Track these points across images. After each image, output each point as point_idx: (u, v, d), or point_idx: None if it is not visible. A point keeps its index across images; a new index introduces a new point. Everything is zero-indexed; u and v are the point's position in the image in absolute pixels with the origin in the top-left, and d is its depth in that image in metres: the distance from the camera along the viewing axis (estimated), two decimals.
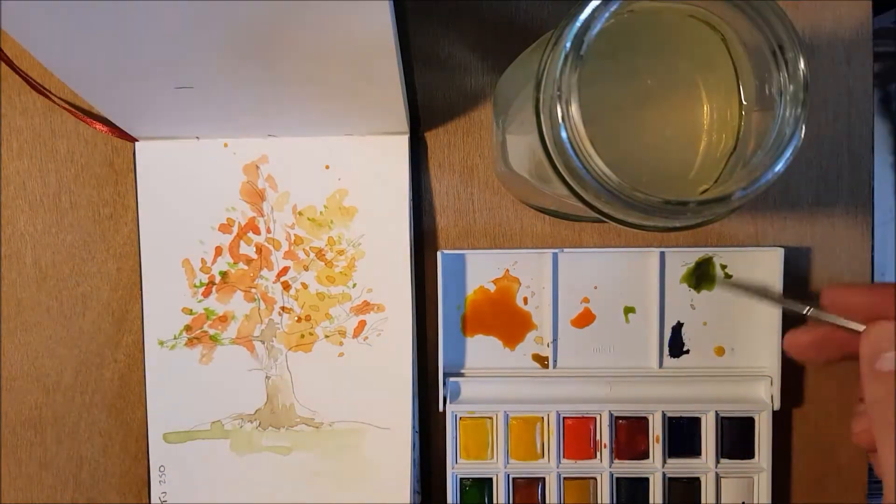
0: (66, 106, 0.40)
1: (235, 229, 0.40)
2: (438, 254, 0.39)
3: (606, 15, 0.23)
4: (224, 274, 0.40)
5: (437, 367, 0.40)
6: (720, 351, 0.40)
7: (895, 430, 0.25)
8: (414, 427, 0.40)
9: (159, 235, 0.40)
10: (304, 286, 0.40)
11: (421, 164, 0.40)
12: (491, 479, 0.40)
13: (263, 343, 0.40)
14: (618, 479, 0.40)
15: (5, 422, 0.42)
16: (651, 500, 0.40)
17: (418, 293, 0.40)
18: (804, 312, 0.30)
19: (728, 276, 0.40)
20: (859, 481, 0.41)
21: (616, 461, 0.40)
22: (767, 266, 0.39)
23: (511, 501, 0.40)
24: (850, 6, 0.39)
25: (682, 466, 0.40)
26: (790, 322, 0.40)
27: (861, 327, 0.28)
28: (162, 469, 0.40)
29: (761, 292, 0.35)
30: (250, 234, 0.40)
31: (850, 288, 0.29)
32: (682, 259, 0.40)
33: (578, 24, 0.23)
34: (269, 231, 0.40)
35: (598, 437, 0.40)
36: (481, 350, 0.41)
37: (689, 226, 0.26)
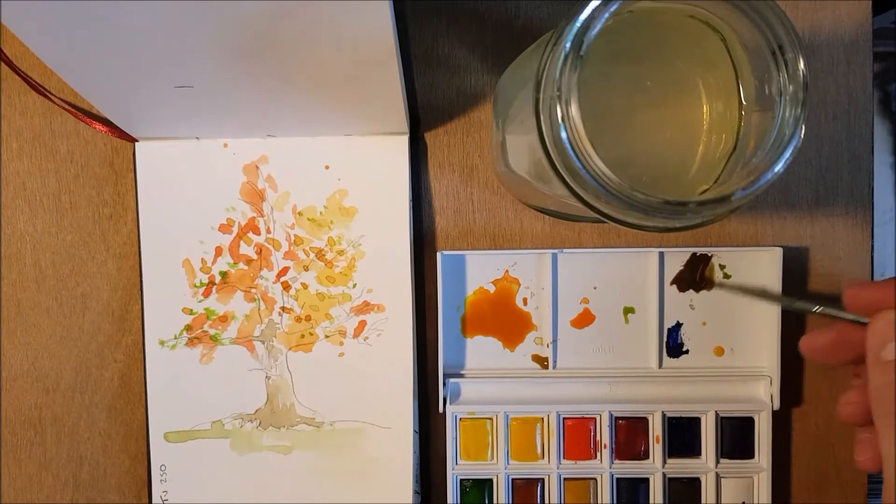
0: (66, 106, 0.40)
1: (235, 229, 0.40)
2: (438, 254, 0.39)
3: (606, 15, 0.23)
4: (224, 274, 0.40)
5: (436, 367, 0.40)
6: (719, 351, 0.40)
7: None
8: (414, 427, 0.40)
9: (159, 235, 0.40)
10: (304, 286, 0.40)
11: (421, 164, 0.40)
12: (491, 480, 0.40)
13: (263, 343, 0.40)
14: (618, 479, 0.40)
15: (5, 422, 0.42)
16: (651, 501, 0.40)
17: (418, 293, 0.40)
18: (813, 310, 0.30)
19: (727, 277, 0.40)
20: (859, 481, 0.41)
21: (616, 461, 0.40)
22: (767, 266, 0.39)
23: (511, 502, 0.40)
24: (850, 6, 0.39)
25: (682, 466, 0.40)
26: (790, 321, 0.40)
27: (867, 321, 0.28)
28: (163, 468, 0.40)
29: (761, 294, 0.35)
30: (250, 235, 0.40)
31: (867, 286, 0.29)
32: (682, 259, 0.40)
33: (578, 24, 0.23)
34: (269, 231, 0.40)
35: (598, 438, 0.40)
36: (481, 351, 0.41)
37: (688, 226, 0.26)
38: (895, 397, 0.26)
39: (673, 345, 0.40)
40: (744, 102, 0.26)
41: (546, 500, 0.40)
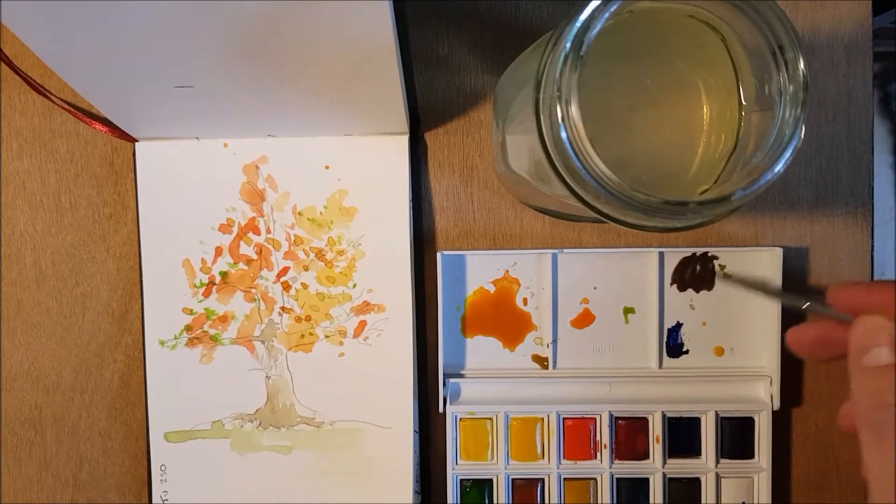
0: (66, 106, 0.40)
1: (235, 229, 0.40)
2: (438, 254, 0.39)
3: (606, 15, 0.23)
4: (224, 274, 0.40)
5: (437, 367, 0.40)
6: (719, 351, 0.40)
7: (877, 427, 0.25)
8: (414, 427, 0.40)
9: (159, 235, 0.40)
10: (304, 286, 0.40)
11: (421, 164, 0.40)
12: (491, 480, 0.40)
13: (263, 343, 0.40)
14: (618, 479, 0.40)
15: (5, 422, 0.42)
16: (651, 501, 0.40)
17: (418, 293, 0.40)
18: (802, 307, 0.30)
19: (727, 277, 0.40)
20: (859, 481, 0.41)
21: (616, 461, 0.40)
22: (767, 266, 0.39)
23: (511, 502, 0.40)
24: (850, 6, 0.39)
25: (682, 466, 0.40)
26: (789, 321, 0.40)
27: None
28: (163, 468, 0.40)
29: (759, 286, 0.34)
30: (250, 235, 0.40)
31: (853, 286, 0.28)
32: (681, 259, 0.40)
33: (578, 24, 0.23)
34: (269, 231, 0.40)
35: (598, 438, 0.40)
36: (481, 351, 0.41)
37: (688, 226, 0.26)
38: (875, 403, 0.25)
39: (673, 345, 0.40)
40: (744, 102, 0.26)
41: (546, 500, 0.40)
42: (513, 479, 0.40)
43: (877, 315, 0.26)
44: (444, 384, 0.40)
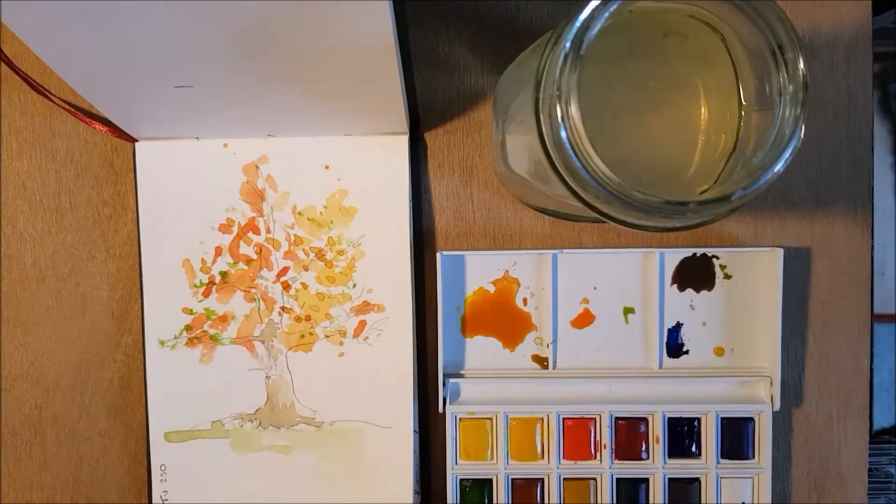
0: (66, 106, 0.40)
1: (235, 229, 0.40)
2: (438, 255, 0.39)
3: (606, 15, 0.23)
4: (224, 274, 0.40)
5: (436, 367, 0.40)
6: (720, 351, 0.40)
7: None
8: (414, 427, 0.40)
9: (159, 235, 0.40)
10: (304, 286, 0.40)
11: (421, 164, 0.40)
12: (491, 480, 0.40)
13: (263, 343, 0.40)
14: (618, 479, 0.40)
15: (5, 422, 0.42)
16: (651, 501, 0.40)
17: (418, 293, 0.40)
18: None
19: (727, 277, 0.40)
20: (859, 481, 0.41)
21: (616, 462, 0.40)
22: (767, 266, 0.39)
23: (511, 502, 0.40)
24: (850, 6, 0.39)
25: (682, 466, 0.40)
26: (789, 322, 0.40)
27: None
28: (163, 468, 0.40)
29: None
30: (250, 235, 0.40)
31: None
32: (682, 259, 0.40)
33: (578, 24, 0.23)
34: (268, 231, 0.40)
35: (597, 438, 0.40)
36: (481, 351, 0.41)
37: (688, 226, 0.26)
38: None
39: (673, 345, 0.40)
40: (744, 102, 0.26)
41: (546, 500, 0.40)
42: (512, 479, 0.40)
43: None
44: (444, 384, 0.40)
